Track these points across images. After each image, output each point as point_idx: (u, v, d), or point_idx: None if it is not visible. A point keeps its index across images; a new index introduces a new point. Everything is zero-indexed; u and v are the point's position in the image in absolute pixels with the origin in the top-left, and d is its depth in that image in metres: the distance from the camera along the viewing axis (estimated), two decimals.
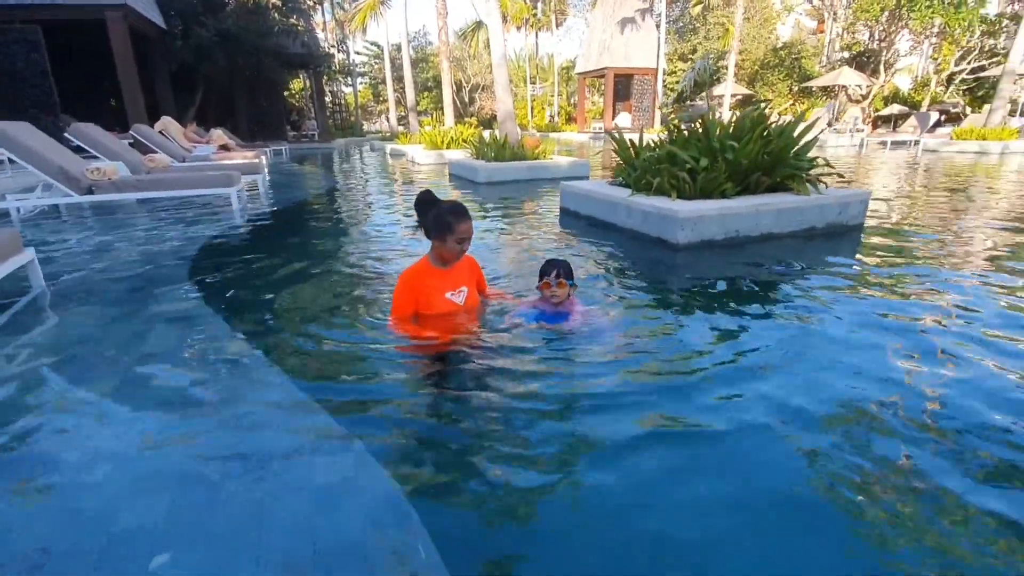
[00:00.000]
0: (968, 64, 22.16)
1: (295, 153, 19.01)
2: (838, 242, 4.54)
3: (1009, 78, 16.44)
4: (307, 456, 1.70)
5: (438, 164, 12.86)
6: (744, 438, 1.75)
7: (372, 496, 1.54)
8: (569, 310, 2.66)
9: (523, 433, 1.79)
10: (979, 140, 14.93)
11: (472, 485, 1.59)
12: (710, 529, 1.39)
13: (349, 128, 32.25)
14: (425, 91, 39.70)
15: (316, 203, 7.81)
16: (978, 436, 1.74)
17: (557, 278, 2.57)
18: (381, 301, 3.09)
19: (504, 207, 6.79)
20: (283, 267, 3.96)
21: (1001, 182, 8.64)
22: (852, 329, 2.61)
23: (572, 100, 38.43)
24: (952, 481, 1.53)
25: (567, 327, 2.56)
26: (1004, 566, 1.26)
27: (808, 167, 4.95)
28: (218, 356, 2.47)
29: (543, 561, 1.32)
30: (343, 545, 1.36)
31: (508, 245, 4.78)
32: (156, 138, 10.70)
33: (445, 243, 2.36)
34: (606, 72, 26.42)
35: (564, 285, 2.59)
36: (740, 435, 1.77)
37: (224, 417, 1.95)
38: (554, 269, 2.59)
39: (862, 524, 1.39)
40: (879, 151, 15.97)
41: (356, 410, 1.96)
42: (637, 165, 5.19)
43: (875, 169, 10.90)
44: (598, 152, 17.29)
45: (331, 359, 2.40)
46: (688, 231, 4.20)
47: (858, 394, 2.00)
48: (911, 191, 7.91)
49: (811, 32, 31.56)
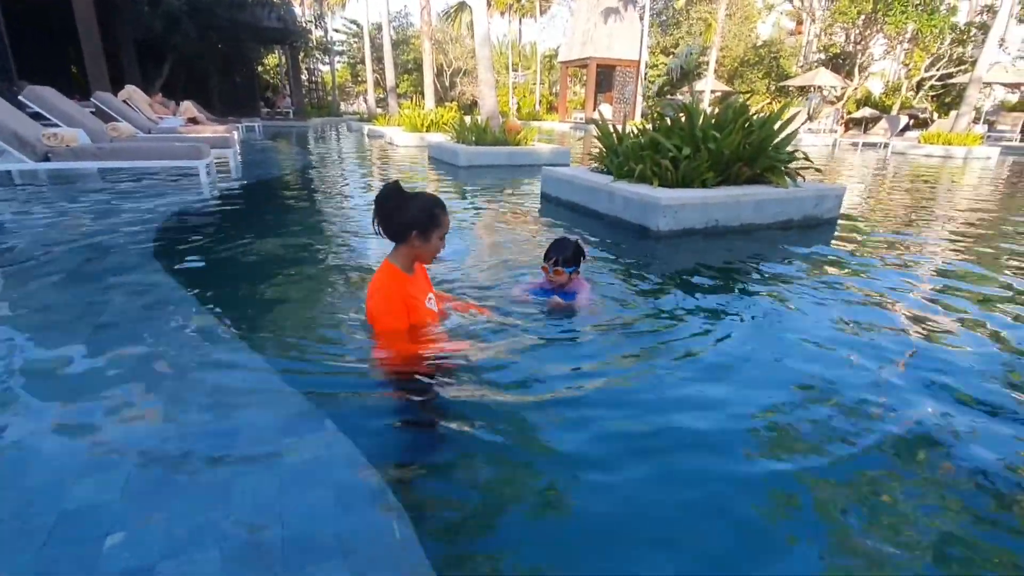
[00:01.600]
0: (937, 71, 22.77)
1: (269, 130, 18.45)
2: (813, 234, 4.60)
3: (976, 86, 16.95)
4: (275, 435, 1.62)
5: (418, 147, 12.63)
6: (718, 421, 1.74)
7: (344, 475, 1.47)
8: (576, 289, 2.62)
9: (502, 416, 1.74)
10: (945, 145, 15.37)
11: (449, 463, 1.53)
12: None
13: (326, 107, 31.50)
14: (405, 73, 38.96)
15: (290, 181, 7.58)
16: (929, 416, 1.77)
17: (555, 265, 2.52)
18: (352, 281, 2.99)
19: (485, 192, 6.70)
20: (253, 244, 3.81)
21: (963, 185, 8.92)
22: (823, 318, 2.63)
23: (554, 89, 38.24)
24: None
25: (577, 305, 2.55)
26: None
27: (787, 160, 4.99)
28: (181, 331, 2.34)
29: (520, 540, 1.28)
30: (313, 524, 1.29)
31: (489, 231, 4.71)
32: (120, 107, 10.22)
33: (429, 240, 2.02)
34: (589, 62, 26.30)
35: (561, 273, 2.54)
36: (715, 419, 1.76)
37: (186, 394, 1.85)
38: (553, 256, 2.53)
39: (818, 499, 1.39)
40: (850, 152, 16.33)
41: (327, 389, 1.88)
42: (620, 151, 5.16)
43: (847, 169, 11.13)
44: (580, 138, 17.27)
45: (300, 337, 2.30)
46: (669, 219, 4.20)
47: (824, 380, 2.01)
48: (881, 190, 8.10)
49: (790, 32, 32.00)
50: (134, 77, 16.01)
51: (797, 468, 1.53)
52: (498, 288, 2.92)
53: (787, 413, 1.80)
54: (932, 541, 1.29)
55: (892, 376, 2.05)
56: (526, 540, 1.28)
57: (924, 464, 1.57)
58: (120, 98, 10.93)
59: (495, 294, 2.82)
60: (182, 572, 1.15)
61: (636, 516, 1.35)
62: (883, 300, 2.94)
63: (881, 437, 1.67)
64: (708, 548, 1.26)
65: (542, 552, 1.25)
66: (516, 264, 3.43)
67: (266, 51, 28.16)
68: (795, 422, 1.74)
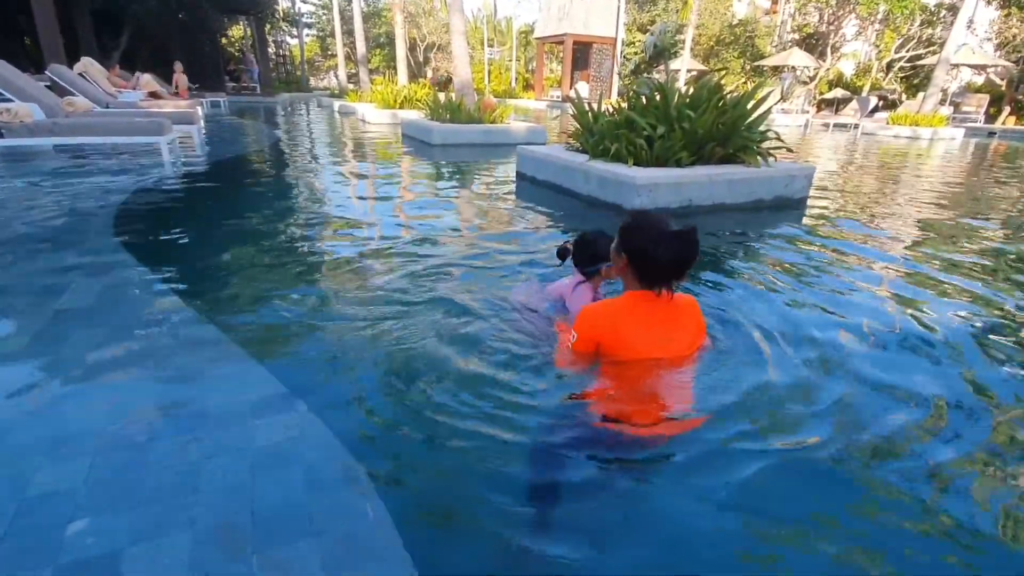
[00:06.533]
0: (907, 52, 23.12)
1: (235, 106, 17.82)
2: (783, 214, 4.68)
3: (943, 67, 17.29)
4: (245, 417, 1.60)
5: (390, 124, 12.36)
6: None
7: (317, 457, 1.46)
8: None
9: (480, 396, 1.74)
10: (912, 126, 15.70)
11: (426, 445, 1.53)
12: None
13: (294, 82, 30.52)
14: (377, 48, 37.91)
15: (257, 159, 7.36)
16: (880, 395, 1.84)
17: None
18: (321, 262, 2.94)
19: (460, 170, 6.62)
20: (219, 223, 3.71)
21: (928, 166, 9.16)
22: (791, 297, 2.69)
23: (530, 67, 37.71)
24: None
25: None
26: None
27: (760, 139, 5.04)
28: (144, 313, 2.28)
29: (496, 523, 1.29)
30: (285, 506, 1.28)
31: (466, 211, 4.67)
32: (76, 80, 9.71)
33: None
34: (565, 39, 25.95)
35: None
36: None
37: (151, 376, 1.81)
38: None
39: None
40: (822, 132, 16.58)
41: (299, 370, 1.86)
42: (595, 130, 5.14)
43: (818, 149, 11.31)
44: (556, 117, 17.15)
45: (269, 318, 2.26)
46: (644, 198, 4.21)
47: (793, 360, 2.06)
48: (850, 170, 8.27)
49: (765, 12, 32.04)
50: (90, 48, 15.24)
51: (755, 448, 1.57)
52: (481, 280, 2.89)
53: (760, 389, 1.84)
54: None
55: (857, 356, 2.11)
56: (502, 523, 1.29)
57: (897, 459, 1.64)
58: (76, 71, 10.38)
59: (476, 284, 2.79)
60: (150, 557, 1.13)
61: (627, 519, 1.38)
62: (848, 280, 3.02)
63: (844, 421, 1.72)
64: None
65: (519, 535, 1.26)
66: (494, 251, 3.41)
67: (230, 22, 27.01)
68: (762, 399, 1.78)
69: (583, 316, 1.69)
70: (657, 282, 1.61)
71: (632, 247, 1.62)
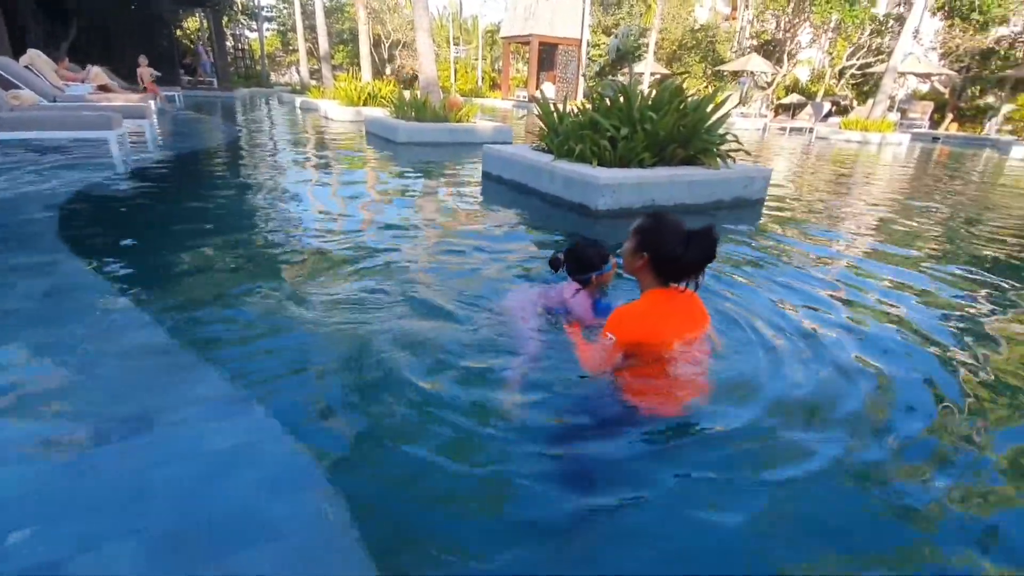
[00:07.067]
0: (857, 60, 24.12)
1: (190, 100, 17.23)
2: (742, 214, 4.82)
3: (891, 75, 18.13)
4: (197, 421, 1.55)
5: (354, 121, 12.17)
6: None
7: (274, 460, 1.43)
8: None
9: (442, 396, 1.74)
10: (863, 131, 16.42)
11: (387, 446, 1.52)
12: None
13: (254, 77, 29.68)
14: (341, 44, 37.23)
15: (214, 156, 7.14)
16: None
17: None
18: (280, 265, 2.88)
19: (425, 169, 6.57)
20: (171, 223, 3.59)
21: (877, 169, 9.58)
22: (749, 296, 2.78)
23: (496, 66, 37.70)
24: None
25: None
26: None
27: (719, 142, 5.18)
28: (91, 315, 2.18)
29: (457, 523, 1.29)
30: (240, 512, 1.25)
31: (431, 210, 4.64)
32: (22, 73, 9.19)
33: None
34: (531, 39, 26.04)
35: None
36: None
37: (99, 381, 1.74)
38: (611, 256, 2.10)
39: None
40: (780, 136, 17.14)
41: (255, 373, 1.81)
42: (560, 131, 5.18)
43: (775, 152, 11.69)
44: (522, 117, 17.19)
45: (222, 320, 2.20)
46: (608, 198, 4.27)
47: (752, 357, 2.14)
48: (806, 173, 8.58)
49: (725, 18, 32.88)
50: (36, 39, 14.45)
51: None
52: (445, 279, 2.89)
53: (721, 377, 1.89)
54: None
55: (817, 350, 2.20)
56: (465, 523, 1.29)
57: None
58: (22, 63, 9.83)
59: (440, 284, 2.78)
60: (98, 566, 1.09)
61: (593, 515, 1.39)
62: (803, 278, 3.13)
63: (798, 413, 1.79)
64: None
65: (484, 539, 1.26)
66: (459, 250, 3.40)
67: (185, 13, 26.08)
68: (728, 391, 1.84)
69: (620, 319, 1.71)
70: (680, 279, 1.69)
71: (657, 248, 1.67)
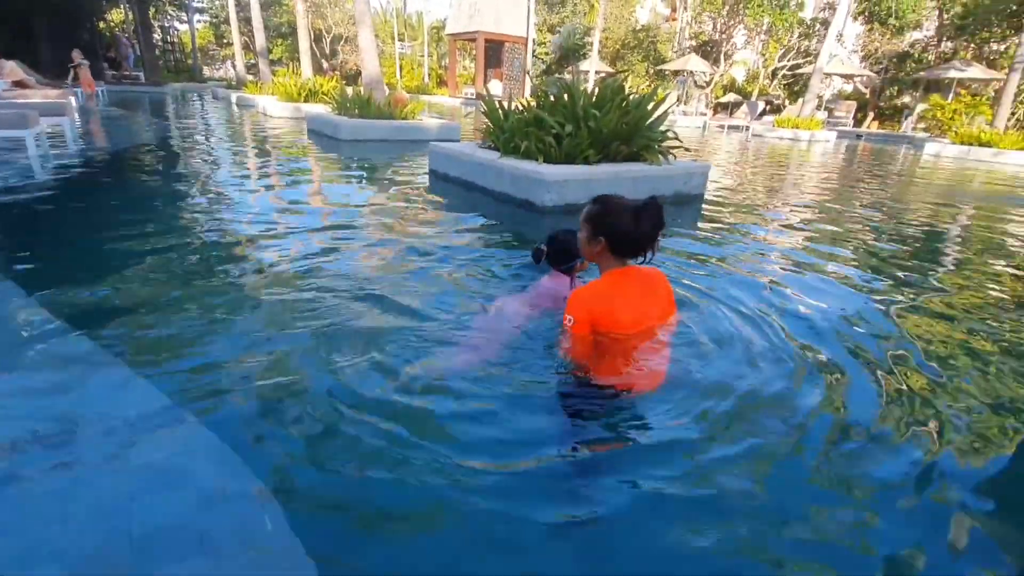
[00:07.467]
0: (788, 61, 25.41)
1: (115, 96, 16.21)
2: (684, 209, 4.98)
3: (818, 76, 19.19)
4: (123, 434, 1.45)
5: (294, 118, 11.79)
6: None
7: (207, 471, 1.36)
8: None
9: (388, 409, 1.70)
10: (793, 128, 17.34)
11: (328, 448, 1.47)
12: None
13: (185, 71, 28.27)
14: (279, 37, 35.92)
15: (141, 155, 6.72)
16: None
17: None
18: (213, 267, 2.75)
19: (371, 167, 6.44)
20: (92, 226, 3.37)
21: (807, 163, 10.13)
22: (695, 285, 2.87)
23: (443, 63, 37.36)
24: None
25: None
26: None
27: (660, 139, 5.32)
28: (5, 325, 2.01)
29: (400, 523, 1.27)
30: (173, 527, 1.18)
31: (377, 209, 4.54)
32: None
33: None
34: (477, 36, 25.95)
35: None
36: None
37: (15, 393, 1.60)
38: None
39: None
40: (718, 133, 17.83)
41: (186, 381, 1.71)
42: (506, 128, 5.19)
43: (714, 149, 12.15)
44: (468, 114, 17.12)
45: (150, 326, 2.07)
46: (554, 194, 4.32)
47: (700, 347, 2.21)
48: (742, 168, 8.96)
49: (666, 19, 33.86)
50: None
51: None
52: (390, 279, 2.83)
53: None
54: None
55: (762, 338, 2.29)
56: (409, 540, 1.26)
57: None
58: None
59: (384, 284, 2.73)
60: None
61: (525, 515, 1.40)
62: (741, 267, 3.27)
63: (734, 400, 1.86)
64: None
65: (428, 553, 1.24)
66: (406, 249, 3.34)
67: (109, 4, 24.49)
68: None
69: (576, 300, 1.78)
70: (638, 253, 1.79)
71: (611, 229, 1.76)
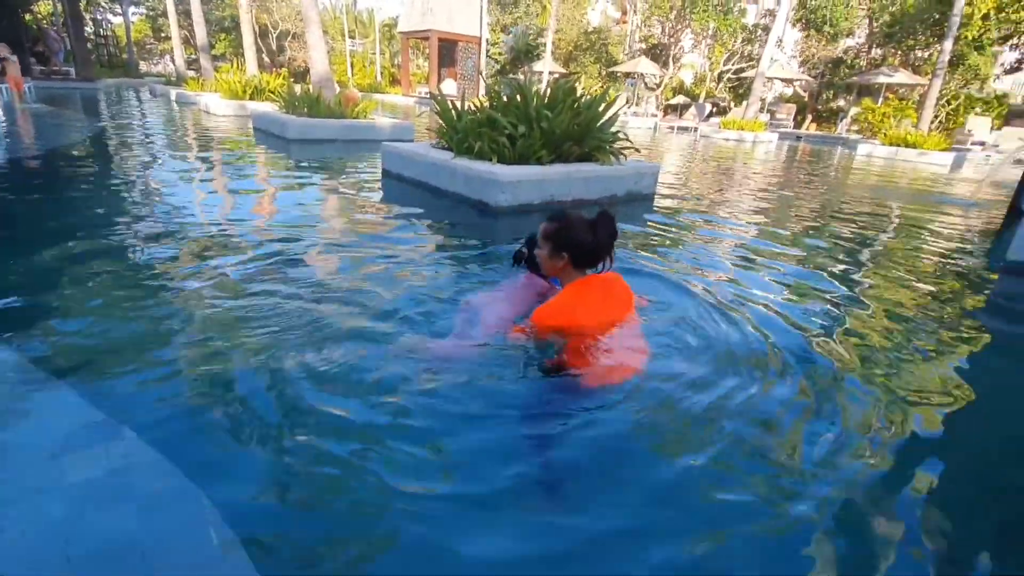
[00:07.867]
0: (733, 65, 26.40)
1: (43, 93, 15.20)
2: (635, 207, 5.10)
3: (760, 79, 20.02)
4: (54, 452, 1.38)
5: (238, 116, 11.37)
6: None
7: (149, 486, 1.30)
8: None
9: (339, 416, 1.67)
10: (739, 130, 18.01)
11: (273, 458, 1.44)
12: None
13: (120, 67, 26.84)
14: (222, 32, 34.59)
15: (72, 156, 6.33)
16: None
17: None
18: (151, 273, 2.63)
19: (321, 168, 6.29)
20: (17, 230, 3.15)
21: (752, 163, 10.55)
22: (647, 280, 2.95)
23: (396, 61, 36.84)
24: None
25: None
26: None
27: (611, 140, 5.43)
28: None
29: (350, 539, 1.26)
30: (110, 544, 1.13)
31: (327, 211, 4.44)
32: None
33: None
34: (430, 34, 25.72)
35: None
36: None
37: None
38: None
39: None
40: (668, 134, 18.33)
41: (124, 394, 1.64)
42: (460, 128, 5.17)
43: (664, 149, 12.49)
44: (421, 114, 16.97)
45: (84, 336, 1.97)
46: (508, 195, 4.34)
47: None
48: (692, 168, 9.25)
49: (616, 21, 34.52)
50: None
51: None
52: (342, 283, 2.78)
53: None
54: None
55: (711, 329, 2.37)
56: (357, 537, 1.25)
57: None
58: None
59: (334, 288, 2.67)
60: None
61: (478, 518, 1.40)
62: (693, 262, 3.38)
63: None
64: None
65: (379, 552, 1.23)
66: (359, 252, 3.28)
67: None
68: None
69: (541, 319, 1.83)
70: (596, 263, 1.90)
71: (572, 242, 1.85)
